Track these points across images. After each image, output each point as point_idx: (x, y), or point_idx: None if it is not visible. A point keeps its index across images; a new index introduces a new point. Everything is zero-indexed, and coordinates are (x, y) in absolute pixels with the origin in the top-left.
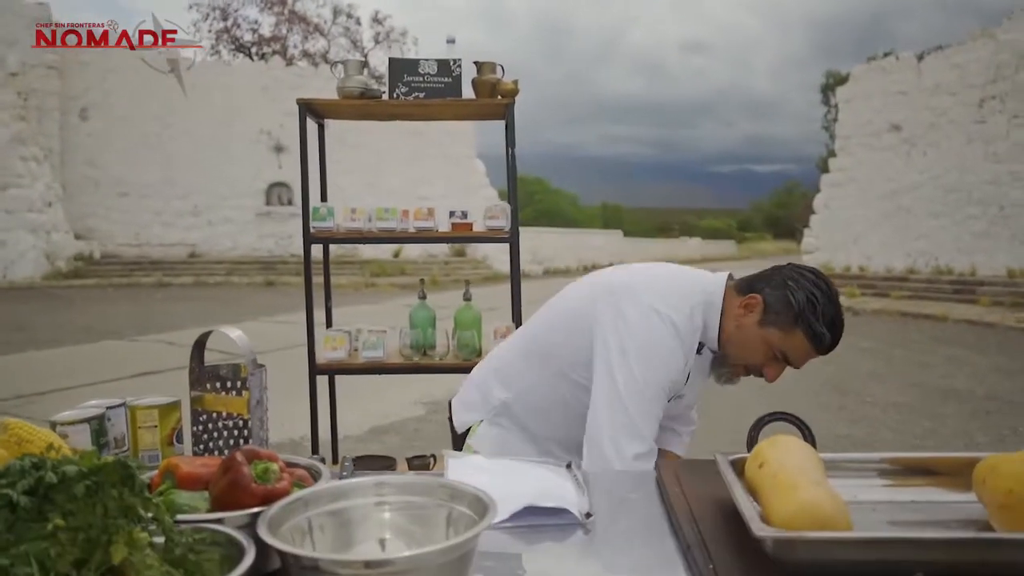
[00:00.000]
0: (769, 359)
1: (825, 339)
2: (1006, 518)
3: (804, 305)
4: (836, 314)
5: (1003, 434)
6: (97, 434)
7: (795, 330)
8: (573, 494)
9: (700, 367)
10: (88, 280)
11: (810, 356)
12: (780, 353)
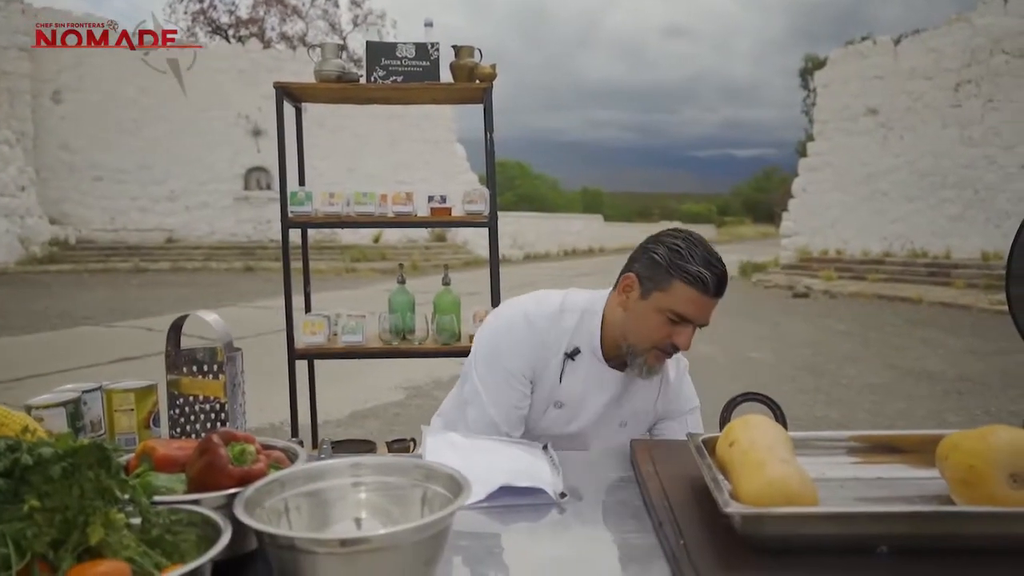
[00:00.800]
0: (668, 326)
1: (705, 278)
2: (966, 493)
3: (669, 256)
4: (706, 254)
5: (975, 415)
6: (73, 417)
7: (673, 282)
8: (548, 474)
9: (593, 376)
10: (64, 265)
11: (703, 305)
12: (674, 315)
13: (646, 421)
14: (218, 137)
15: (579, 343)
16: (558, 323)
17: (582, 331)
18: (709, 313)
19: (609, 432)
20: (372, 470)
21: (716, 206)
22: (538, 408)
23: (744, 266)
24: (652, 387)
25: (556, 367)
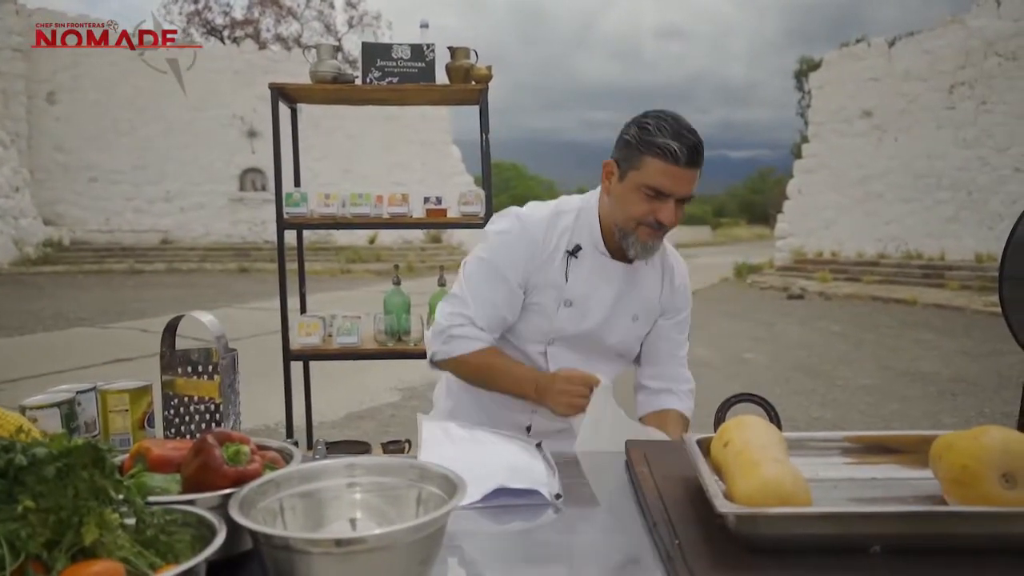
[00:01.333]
0: (648, 202)
1: (673, 149)
2: (960, 493)
3: (639, 134)
4: (676, 126)
5: (969, 416)
6: (67, 418)
7: (644, 158)
8: (543, 474)
9: (598, 271)
10: (58, 266)
11: (676, 176)
12: (650, 190)
13: (653, 315)
14: (213, 138)
15: (579, 240)
16: (555, 224)
17: (581, 228)
18: (685, 185)
19: (622, 327)
20: (367, 470)
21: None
22: (550, 309)
23: (739, 267)
24: (656, 278)
25: (560, 267)
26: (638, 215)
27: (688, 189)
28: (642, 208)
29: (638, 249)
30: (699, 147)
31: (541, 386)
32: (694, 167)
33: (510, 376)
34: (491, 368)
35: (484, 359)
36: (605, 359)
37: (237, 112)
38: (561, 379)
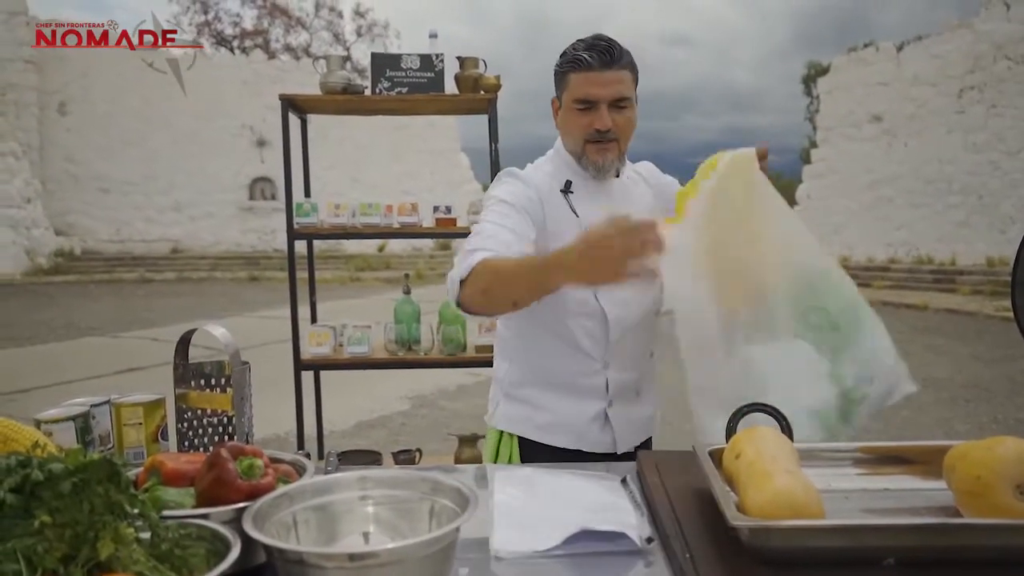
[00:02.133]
0: (582, 115)
1: (583, 57)
2: (973, 504)
3: (559, 61)
4: (589, 40)
5: (982, 422)
6: (82, 432)
7: (567, 76)
8: (631, 515)
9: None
10: (69, 276)
11: (596, 81)
12: (579, 103)
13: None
14: (222, 148)
15: (567, 176)
16: (539, 172)
17: (561, 168)
18: (609, 86)
19: None
20: (379, 483)
21: None
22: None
23: None
24: (643, 189)
25: (565, 208)
26: (580, 132)
27: (614, 90)
28: (579, 124)
29: (592, 168)
30: (611, 48)
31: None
32: (610, 68)
33: (534, 261)
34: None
35: (503, 261)
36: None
37: (246, 122)
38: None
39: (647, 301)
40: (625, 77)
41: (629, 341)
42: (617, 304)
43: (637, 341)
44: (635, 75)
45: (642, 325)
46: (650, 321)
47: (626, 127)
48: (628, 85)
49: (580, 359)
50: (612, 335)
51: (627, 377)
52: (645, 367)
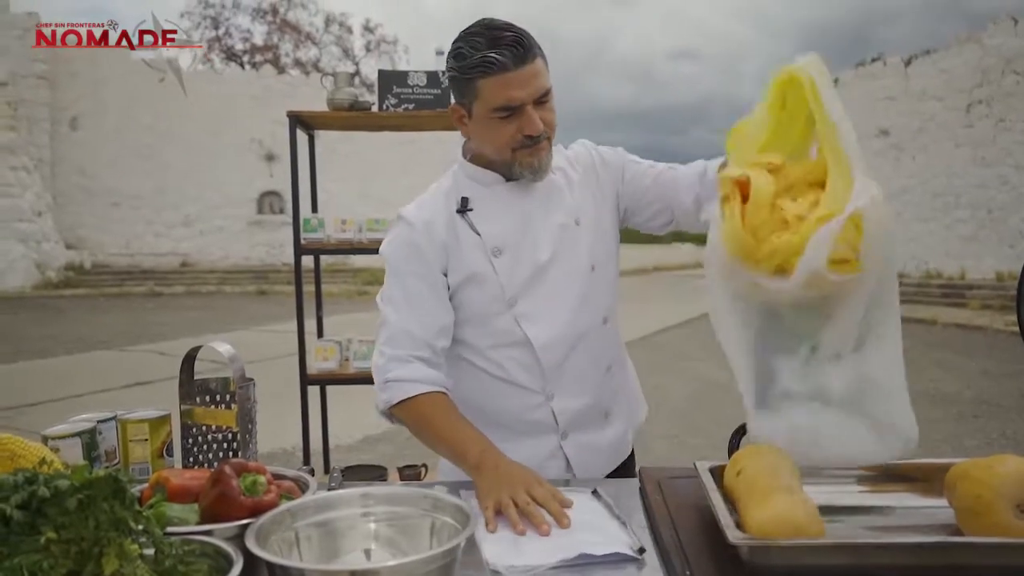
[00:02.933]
0: (507, 123)
1: (495, 59)
2: (974, 523)
3: (457, 65)
4: (488, 33)
5: (992, 438)
6: (88, 448)
7: (475, 83)
8: (616, 527)
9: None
10: (79, 290)
11: (517, 81)
12: (501, 111)
13: (594, 206)
14: (232, 162)
15: (464, 193)
16: (435, 200)
17: (461, 183)
18: (530, 84)
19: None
20: (381, 500)
21: None
22: (487, 270)
23: None
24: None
25: (463, 228)
26: (503, 142)
27: (536, 86)
28: (504, 134)
29: (528, 174)
30: (521, 40)
31: (485, 457)
32: (525, 63)
33: (454, 435)
34: (432, 420)
35: (420, 411)
36: (582, 285)
37: (255, 136)
38: (515, 472)
39: (587, 314)
40: (541, 67)
41: (574, 363)
42: (544, 327)
43: (586, 360)
44: (545, 60)
45: (587, 342)
46: (599, 333)
47: (552, 120)
48: (546, 74)
49: (519, 394)
50: (544, 362)
51: (582, 403)
52: (606, 385)
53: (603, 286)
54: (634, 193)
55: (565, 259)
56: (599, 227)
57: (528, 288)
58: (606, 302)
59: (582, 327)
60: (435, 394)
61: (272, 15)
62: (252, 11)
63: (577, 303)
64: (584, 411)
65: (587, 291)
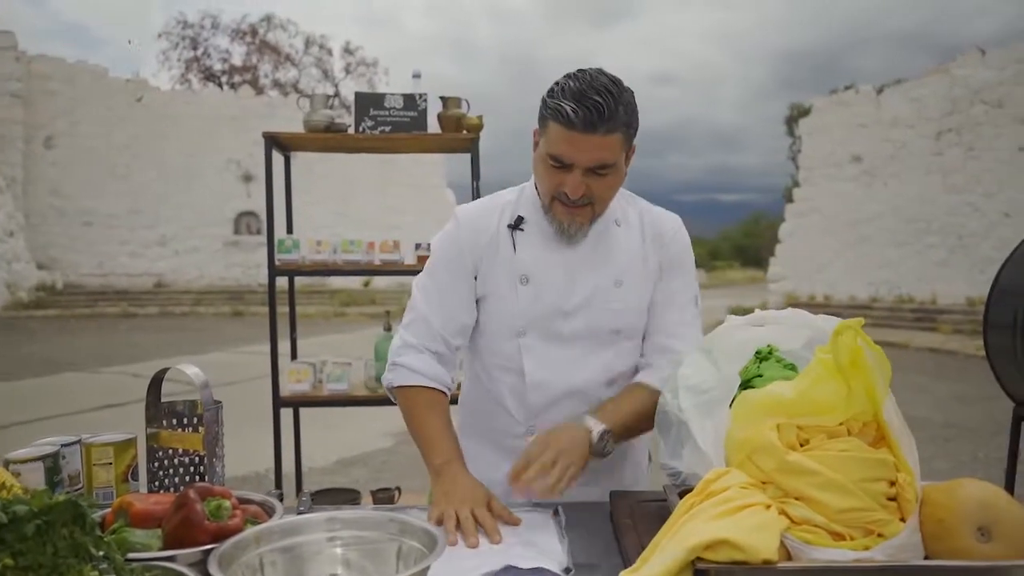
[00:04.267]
0: (554, 173)
1: (567, 111)
2: (936, 547)
3: (546, 97)
4: (581, 85)
5: (962, 461)
6: (51, 472)
7: (548, 124)
8: (555, 544)
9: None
10: (50, 311)
11: (573, 142)
12: (552, 159)
13: (644, 276)
14: (209, 182)
15: (522, 212)
16: (494, 206)
17: (524, 201)
18: (588, 152)
19: (603, 298)
20: (348, 524)
21: (705, 250)
22: (507, 290)
23: (733, 310)
24: (634, 235)
25: (506, 243)
26: (546, 188)
27: (593, 157)
28: (549, 180)
29: (558, 228)
30: (603, 108)
31: (448, 467)
32: (595, 132)
33: (432, 435)
34: (419, 414)
35: (413, 401)
36: (599, 344)
37: (233, 156)
38: (467, 491)
39: (591, 372)
40: (612, 142)
41: (564, 410)
42: (542, 367)
43: (577, 412)
44: (629, 132)
45: (583, 397)
46: (599, 392)
47: (604, 192)
48: (614, 150)
49: (504, 416)
50: (532, 399)
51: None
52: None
53: (621, 351)
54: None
55: (589, 314)
56: (639, 296)
57: (542, 325)
58: (619, 367)
59: (582, 382)
60: (433, 391)
61: (251, 36)
62: (231, 32)
63: (585, 359)
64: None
65: (601, 350)
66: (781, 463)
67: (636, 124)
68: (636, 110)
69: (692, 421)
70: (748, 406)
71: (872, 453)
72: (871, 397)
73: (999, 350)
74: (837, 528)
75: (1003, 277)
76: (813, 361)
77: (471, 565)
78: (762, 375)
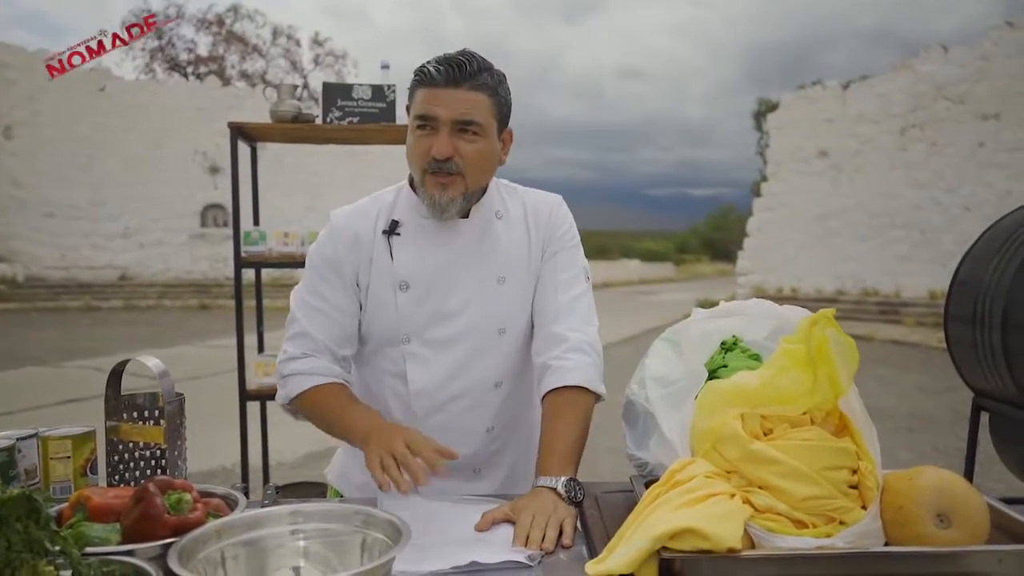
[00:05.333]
0: (422, 139)
1: (429, 69)
2: (896, 533)
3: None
4: (444, 55)
5: (924, 451)
6: (6, 466)
7: (414, 93)
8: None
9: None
10: (10, 304)
11: (435, 97)
12: (419, 120)
13: (527, 271)
14: (174, 174)
15: (398, 215)
16: (369, 211)
17: (400, 204)
18: (450, 105)
19: (485, 297)
20: (311, 517)
21: (673, 244)
22: (389, 299)
23: (701, 303)
24: (518, 228)
25: (383, 249)
26: (417, 158)
27: (457, 111)
28: (419, 149)
29: (429, 204)
30: (463, 63)
31: (373, 430)
32: (458, 86)
33: (344, 415)
34: (326, 407)
35: (316, 399)
36: (485, 345)
37: (199, 148)
38: (394, 430)
39: (477, 374)
40: (478, 99)
41: (450, 416)
42: (426, 374)
43: (464, 418)
44: (499, 102)
45: (469, 401)
46: (486, 395)
47: (475, 159)
48: (481, 110)
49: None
50: (415, 406)
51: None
52: (484, 446)
53: (508, 351)
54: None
55: (473, 315)
56: (523, 291)
57: (424, 331)
58: (506, 367)
59: (467, 385)
60: (331, 384)
61: (218, 26)
62: (197, 21)
63: (470, 361)
64: (457, 464)
65: (487, 352)
66: (745, 452)
67: (506, 100)
68: (507, 87)
69: (659, 412)
70: (713, 396)
71: (834, 442)
72: (834, 387)
73: (959, 341)
74: (800, 516)
75: (962, 270)
76: (778, 351)
77: (437, 558)
78: (727, 365)
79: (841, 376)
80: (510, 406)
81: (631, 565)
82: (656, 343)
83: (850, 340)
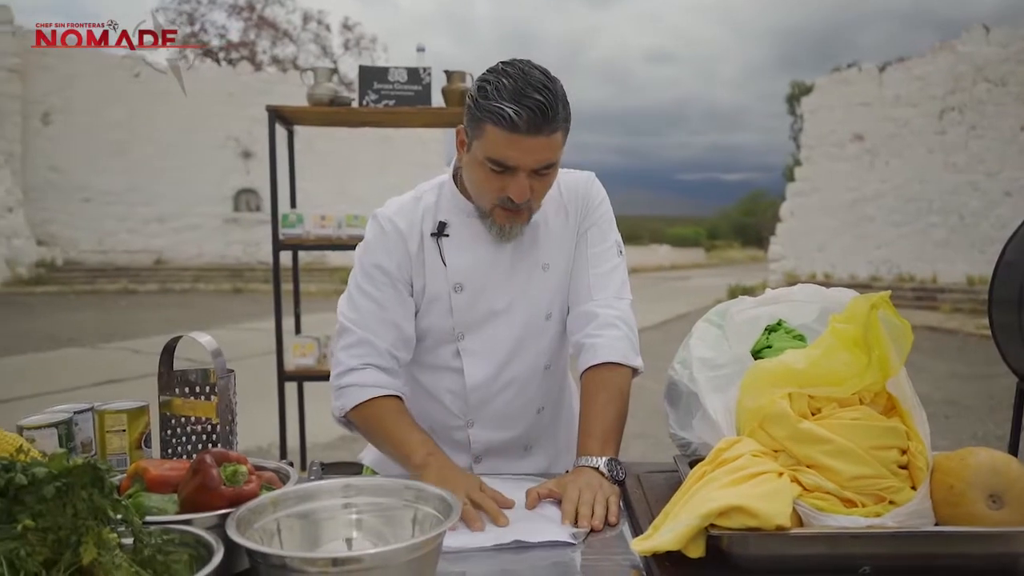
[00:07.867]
0: (496, 177)
1: (509, 114)
2: (948, 513)
3: (477, 97)
4: (518, 84)
5: (962, 438)
6: (65, 438)
7: (483, 126)
8: (559, 517)
9: (479, 239)
10: (50, 287)
11: (519, 145)
12: (493, 163)
13: (568, 248)
14: (207, 159)
15: (444, 217)
16: (415, 209)
17: (443, 204)
18: (534, 154)
19: (534, 287)
20: (363, 491)
21: (704, 229)
22: (443, 298)
23: (733, 290)
24: (553, 212)
25: (433, 252)
26: (488, 194)
27: (539, 158)
28: (490, 185)
29: (497, 232)
30: (546, 108)
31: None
32: (540, 133)
33: (401, 438)
34: (382, 423)
35: (372, 414)
36: (535, 333)
37: (232, 133)
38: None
39: (529, 359)
40: (556, 141)
41: (503, 401)
42: (482, 366)
43: (517, 401)
44: (567, 127)
45: (521, 385)
46: (537, 378)
47: (545, 190)
48: (557, 148)
49: (442, 411)
50: (471, 397)
51: (504, 436)
52: (536, 424)
53: (554, 333)
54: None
55: (523, 307)
56: (565, 273)
57: (478, 328)
58: (553, 348)
59: (519, 372)
60: (388, 397)
61: (248, 11)
62: (228, 7)
63: (522, 349)
64: (504, 443)
65: (536, 338)
66: (793, 431)
67: (570, 116)
68: (568, 101)
69: (703, 392)
70: (760, 375)
71: (883, 421)
72: (884, 369)
73: (1004, 326)
74: (849, 495)
75: (1009, 252)
76: (826, 331)
77: (484, 536)
78: (771, 346)
79: (892, 357)
80: (559, 384)
81: (678, 542)
82: (700, 324)
83: (905, 322)
